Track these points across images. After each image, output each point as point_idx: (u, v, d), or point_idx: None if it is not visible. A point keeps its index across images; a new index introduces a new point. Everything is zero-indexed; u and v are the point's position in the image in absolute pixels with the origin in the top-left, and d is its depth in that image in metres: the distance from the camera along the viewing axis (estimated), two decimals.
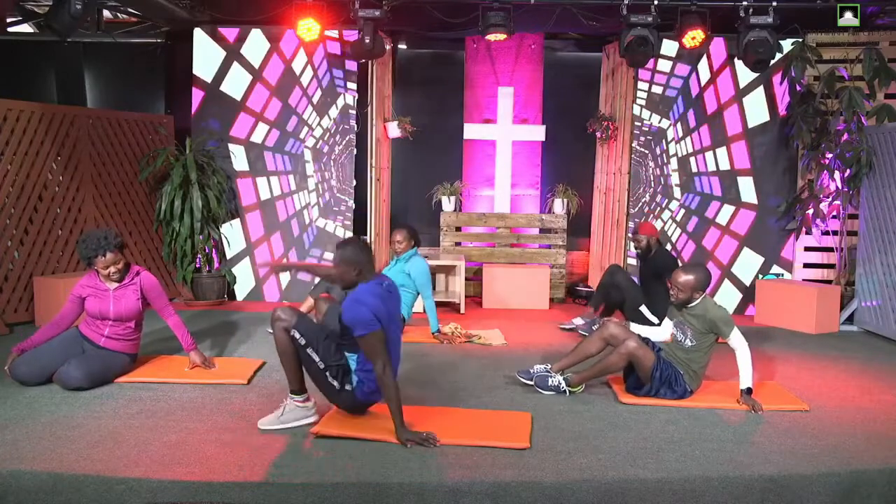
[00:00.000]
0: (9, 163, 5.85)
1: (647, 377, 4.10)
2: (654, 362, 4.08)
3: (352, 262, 3.49)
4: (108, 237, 4.24)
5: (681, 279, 4.11)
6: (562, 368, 4.33)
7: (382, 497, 2.96)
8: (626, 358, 4.10)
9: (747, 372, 4.03)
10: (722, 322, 4.05)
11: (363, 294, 3.43)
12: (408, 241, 5.63)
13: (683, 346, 4.17)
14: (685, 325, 4.18)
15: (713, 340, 4.14)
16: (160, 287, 4.47)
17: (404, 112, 7.85)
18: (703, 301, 4.15)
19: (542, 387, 4.27)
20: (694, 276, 4.11)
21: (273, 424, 3.57)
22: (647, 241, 5.77)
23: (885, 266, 6.10)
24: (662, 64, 7.15)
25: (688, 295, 4.11)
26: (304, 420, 3.61)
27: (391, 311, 3.52)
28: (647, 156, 7.27)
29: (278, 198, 7.27)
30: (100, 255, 4.21)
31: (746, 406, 4.02)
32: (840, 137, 6.35)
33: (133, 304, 4.33)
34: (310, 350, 3.51)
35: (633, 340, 4.11)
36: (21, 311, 5.92)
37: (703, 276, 4.14)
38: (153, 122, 7.26)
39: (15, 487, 2.96)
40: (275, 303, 7.15)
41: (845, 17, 5.77)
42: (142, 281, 4.38)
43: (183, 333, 4.50)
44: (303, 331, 3.51)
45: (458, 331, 5.77)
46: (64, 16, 5.13)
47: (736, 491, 3.09)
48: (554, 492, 3.01)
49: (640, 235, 5.79)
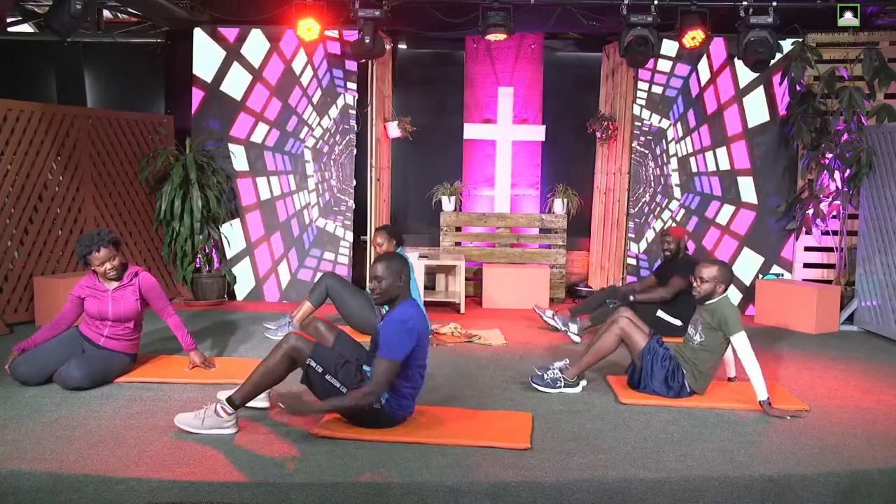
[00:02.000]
0: (9, 163, 5.84)
1: (637, 358, 4.15)
2: (646, 345, 4.11)
3: (397, 273, 3.49)
4: (101, 234, 4.23)
5: (705, 271, 4.13)
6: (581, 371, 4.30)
7: (382, 497, 2.96)
8: (617, 337, 4.13)
9: (759, 382, 3.95)
10: (731, 319, 4.04)
11: (410, 317, 3.45)
12: (389, 243, 5.47)
13: (693, 344, 4.17)
14: (698, 320, 4.19)
15: (721, 341, 4.12)
16: (159, 287, 4.46)
17: (404, 112, 7.85)
18: (722, 297, 4.17)
19: (542, 384, 4.26)
20: (718, 268, 4.15)
21: (190, 426, 3.47)
22: (676, 243, 5.78)
23: (885, 266, 6.10)
24: (662, 64, 7.15)
25: (711, 287, 4.12)
26: (221, 430, 3.47)
27: (426, 327, 3.57)
28: (647, 156, 7.27)
29: (278, 198, 7.27)
30: (93, 251, 4.18)
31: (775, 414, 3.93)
32: (840, 137, 6.35)
33: (132, 305, 4.33)
34: (328, 377, 3.44)
35: (625, 319, 4.20)
36: (21, 311, 5.92)
37: (726, 269, 4.19)
38: (153, 122, 7.26)
39: (15, 487, 2.96)
40: (275, 303, 7.16)
41: (845, 17, 5.77)
42: (140, 281, 4.37)
43: (183, 334, 4.49)
44: (319, 359, 3.45)
45: (458, 331, 5.77)
46: (64, 16, 5.13)
47: (736, 491, 3.08)
48: (554, 492, 3.01)
49: (670, 237, 5.79)
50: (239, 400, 3.48)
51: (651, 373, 4.11)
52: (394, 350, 3.39)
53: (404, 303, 3.53)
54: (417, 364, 3.54)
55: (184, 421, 3.49)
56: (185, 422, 3.49)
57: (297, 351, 3.44)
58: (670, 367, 4.12)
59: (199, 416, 3.48)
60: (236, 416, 3.51)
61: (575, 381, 4.24)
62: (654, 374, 4.11)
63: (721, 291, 4.15)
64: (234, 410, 3.49)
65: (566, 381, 4.23)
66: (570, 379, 4.23)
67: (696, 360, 4.14)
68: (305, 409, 3.50)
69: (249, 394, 3.50)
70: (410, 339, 3.42)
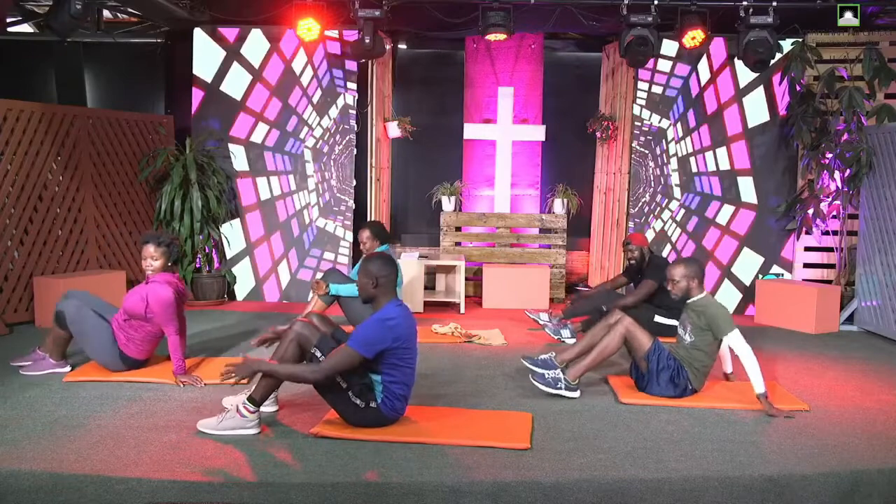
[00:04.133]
0: (9, 163, 5.85)
1: (641, 359, 4.13)
2: (652, 345, 4.10)
3: (371, 275, 3.51)
4: (159, 234, 4.46)
5: (674, 271, 4.19)
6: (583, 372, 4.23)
7: (382, 497, 2.96)
8: (622, 336, 4.12)
9: (756, 376, 3.95)
10: (721, 319, 4.05)
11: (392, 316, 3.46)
12: (373, 240, 5.49)
13: (685, 343, 4.18)
14: (687, 319, 4.20)
15: (712, 341, 4.13)
16: (167, 304, 4.30)
17: (404, 112, 7.86)
18: (706, 297, 4.18)
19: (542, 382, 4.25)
20: (684, 265, 4.18)
21: (213, 429, 3.49)
22: (639, 251, 5.77)
23: (885, 266, 6.10)
24: (662, 64, 7.15)
25: (685, 285, 4.15)
26: (244, 430, 3.48)
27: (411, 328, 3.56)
28: (647, 156, 7.27)
29: (278, 198, 7.27)
30: (145, 243, 4.39)
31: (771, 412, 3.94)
32: (840, 137, 6.35)
33: (135, 304, 4.33)
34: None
35: (629, 319, 4.18)
36: (21, 311, 5.92)
37: (694, 265, 4.21)
38: (153, 122, 7.26)
39: (15, 487, 2.96)
40: (275, 303, 7.16)
41: (845, 17, 5.77)
42: (152, 288, 4.33)
43: (177, 357, 4.34)
44: (325, 350, 3.48)
45: (458, 331, 5.77)
46: (64, 16, 5.13)
47: (736, 491, 3.08)
48: (554, 492, 3.01)
49: (632, 246, 5.79)
50: (259, 396, 3.50)
51: (657, 373, 4.11)
52: (360, 342, 3.39)
53: (389, 303, 3.53)
54: (407, 364, 3.55)
55: (206, 425, 3.52)
56: (207, 426, 3.51)
57: (303, 338, 3.51)
58: (675, 366, 4.12)
59: (220, 419, 3.51)
60: (259, 416, 3.53)
61: (576, 384, 4.22)
62: (661, 374, 4.10)
63: (696, 286, 4.17)
64: (257, 409, 3.50)
65: (567, 384, 4.22)
66: (572, 381, 4.22)
67: (690, 359, 4.15)
68: (249, 368, 3.44)
69: (269, 387, 3.52)
70: (385, 337, 3.42)
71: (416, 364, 3.64)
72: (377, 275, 3.51)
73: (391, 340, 3.44)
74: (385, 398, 3.52)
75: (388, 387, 3.51)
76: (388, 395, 3.52)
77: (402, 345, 3.48)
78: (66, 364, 4.55)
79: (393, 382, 3.51)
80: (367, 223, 5.73)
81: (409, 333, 3.53)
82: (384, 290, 3.54)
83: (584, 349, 4.29)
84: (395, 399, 3.54)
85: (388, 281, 3.54)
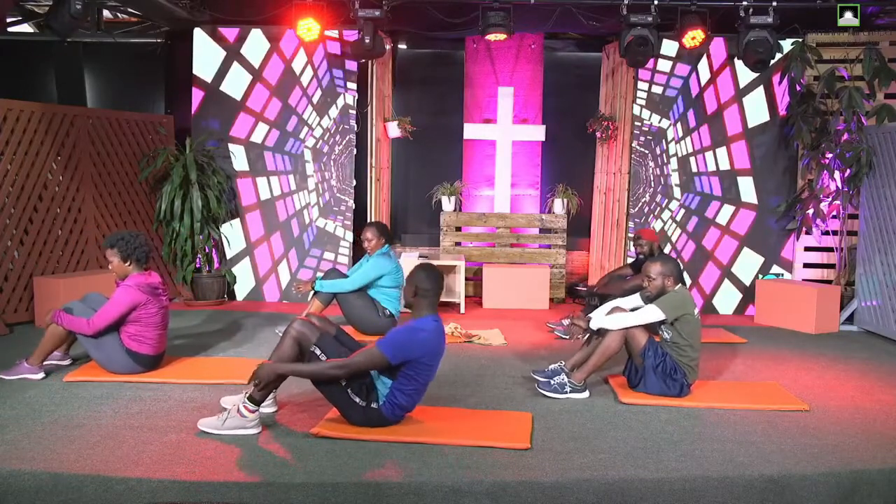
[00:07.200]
0: (9, 163, 5.85)
1: (638, 356, 4.16)
2: (647, 342, 4.13)
3: (413, 284, 3.54)
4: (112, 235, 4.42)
5: (651, 269, 4.26)
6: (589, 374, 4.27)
7: (382, 497, 2.96)
8: (622, 336, 4.14)
9: (614, 319, 4.16)
10: (667, 298, 4.16)
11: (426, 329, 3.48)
12: (378, 239, 5.54)
13: (666, 340, 4.22)
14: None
15: (689, 330, 4.16)
16: (116, 295, 4.28)
17: (404, 112, 7.85)
18: (678, 289, 4.25)
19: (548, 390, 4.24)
20: (661, 263, 4.26)
21: (213, 428, 3.49)
22: (649, 246, 5.83)
23: (885, 266, 6.10)
24: (662, 64, 7.15)
25: (661, 283, 4.21)
26: (244, 430, 3.48)
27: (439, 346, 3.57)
28: (647, 156, 7.27)
29: (278, 198, 7.27)
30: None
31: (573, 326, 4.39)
32: (840, 137, 6.35)
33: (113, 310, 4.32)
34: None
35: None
36: (21, 311, 5.92)
37: (670, 262, 4.29)
38: (153, 122, 7.26)
39: (15, 487, 2.96)
40: (275, 303, 7.16)
41: (845, 17, 5.78)
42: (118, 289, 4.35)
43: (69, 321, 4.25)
44: (324, 347, 3.50)
45: (458, 331, 5.77)
46: (64, 16, 5.13)
47: (736, 491, 3.09)
48: (554, 492, 3.01)
49: (642, 241, 5.86)
50: (259, 396, 3.50)
51: (653, 370, 4.12)
52: (390, 346, 3.41)
53: (427, 316, 3.54)
54: (422, 381, 3.54)
55: (207, 424, 3.51)
56: (208, 425, 3.51)
57: (303, 336, 3.54)
58: (670, 363, 4.12)
59: (221, 418, 3.50)
60: (259, 416, 3.53)
61: (582, 385, 4.23)
62: (656, 371, 4.11)
63: (671, 284, 4.22)
64: (257, 408, 3.51)
65: (573, 387, 4.21)
66: (578, 384, 4.22)
67: (678, 356, 4.17)
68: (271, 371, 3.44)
69: (268, 387, 3.52)
70: (414, 348, 3.43)
71: (429, 383, 3.63)
72: (417, 286, 3.54)
73: (418, 353, 3.44)
74: (387, 402, 3.52)
75: (394, 393, 3.51)
76: (391, 401, 3.52)
77: (425, 360, 3.49)
78: (40, 370, 4.36)
79: (401, 392, 3.51)
80: (371, 223, 5.77)
81: (436, 351, 3.54)
82: (424, 302, 3.55)
83: (589, 353, 4.33)
84: (397, 406, 3.53)
85: (428, 294, 3.54)
